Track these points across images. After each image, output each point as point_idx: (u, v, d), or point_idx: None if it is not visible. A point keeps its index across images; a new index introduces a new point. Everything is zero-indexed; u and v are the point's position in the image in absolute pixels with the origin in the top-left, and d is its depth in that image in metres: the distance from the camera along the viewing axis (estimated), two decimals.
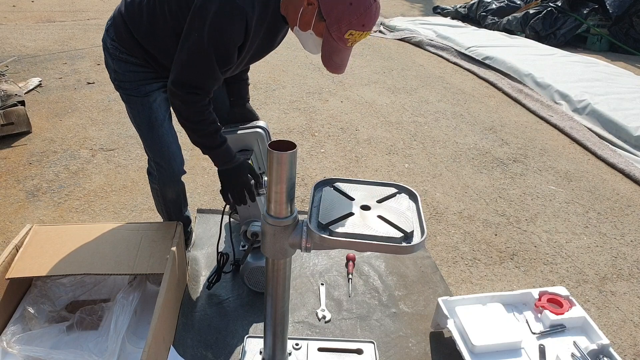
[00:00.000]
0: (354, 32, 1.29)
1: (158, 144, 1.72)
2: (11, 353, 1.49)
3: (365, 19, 1.26)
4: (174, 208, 1.97)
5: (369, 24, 1.28)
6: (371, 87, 4.29)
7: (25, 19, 6.19)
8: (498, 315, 1.68)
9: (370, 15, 1.27)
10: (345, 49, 1.35)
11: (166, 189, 1.86)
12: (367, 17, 1.26)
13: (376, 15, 1.29)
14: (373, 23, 1.30)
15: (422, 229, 1.16)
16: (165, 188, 1.85)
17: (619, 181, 3.01)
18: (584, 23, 6.02)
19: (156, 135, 1.70)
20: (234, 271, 2.02)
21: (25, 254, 1.68)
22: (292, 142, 1.13)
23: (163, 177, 1.81)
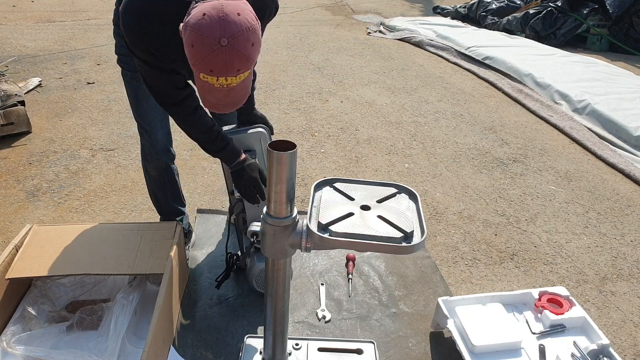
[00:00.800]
0: (206, 76, 1.14)
1: (141, 114, 1.82)
2: (11, 353, 1.49)
3: (211, 64, 1.10)
4: (158, 189, 2.02)
5: (217, 70, 1.11)
6: (371, 87, 4.29)
7: (25, 19, 6.19)
8: (498, 315, 1.68)
9: (214, 61, 1.10)
10: (217, 90, 1.17)
11: (147, 163, 1.95)
12: (211, 63, 1.10)
13: (226, 62, 1.10)
14: (224, 70, 1.11)
15: (422, 229, 1.16)
16: (146, 161, 1.95)
17: (619, 181, 3.01)
18: (584, 23, 6.02)
19: (141, 108, 1.79)
20: (235, 272, 2.01)
21: (25, 254, 1.68)
22: (292, 142, 1.13)
23: (145, 149, 1.91)
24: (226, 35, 1.07)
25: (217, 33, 1.07)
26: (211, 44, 1.08)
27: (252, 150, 1.78)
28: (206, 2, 1.13)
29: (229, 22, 1.08)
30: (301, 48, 5.39)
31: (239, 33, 1.08)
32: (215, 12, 1.08)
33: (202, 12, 1.10)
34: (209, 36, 1.08)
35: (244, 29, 1.09)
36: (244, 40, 1.09)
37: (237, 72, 1.13)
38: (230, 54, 1.09)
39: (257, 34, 1.13)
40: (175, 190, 2.06)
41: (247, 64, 1.14)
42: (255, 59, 1.16)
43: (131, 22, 1.33)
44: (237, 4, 1.12)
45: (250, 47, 1.11)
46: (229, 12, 1.08)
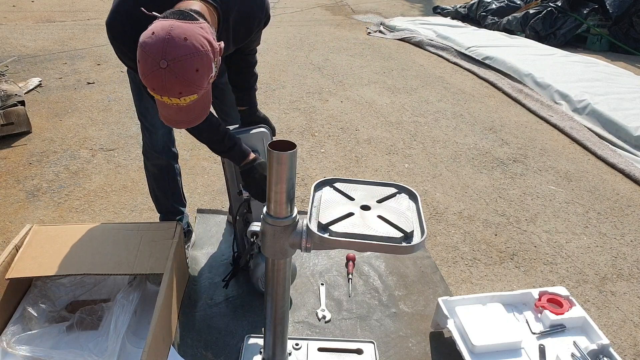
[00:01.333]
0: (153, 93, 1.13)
1: (143, 112, 1.82)
2: (11, 353, 1.49)
3: (152, 83, 1.09)
4: (158, 188, 2.02)
5: (158, 90, 1.09)
6: (371, 87, 4.28)
7: (25, 19, 6.19)
8: (498, 315, 1.68)
9: (153, 80, 1.08)
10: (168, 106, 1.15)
11: (148, 161, 1.96)
12: (152, 82, 1.09)
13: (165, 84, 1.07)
14: (165, 91, 1.09)
15: (422, 229, 1.16)
16: (147, 159, 1.96)
17: (619, 181, 3.01)
18: (584, 23, 6.02)
19: (143, 106, 1.80)
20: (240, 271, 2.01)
21: (25, 254, 1.68)
22: (292, 142, 1.13)
23: (145, 146, 1.91)
24: (166, 57, 1.05)
25: (158, 54, 1.05)
26: (151, 63, 1.06)
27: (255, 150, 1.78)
28: (161, 21, 1.11)
29: (171, 45, 1.05)
30: (301, 48, 5.39)
31: (180, 58, 1.06)
32: (162, 33, 1.07)
33: (152, 30, 1.09)
34: (150, 56, 1.06)
35: (187, 53, 1.06)
36: (184, 66, 1.06)
37: (179, 95, 1.10)
38: (169, 77, 1.07)
39: (204, 58, 1.09)
40: (176, 190, 2.06)
41: (189, 89, 1.10)
42: (202, 84, 1.12)
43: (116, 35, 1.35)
44: (189, 27, 1.09)
45: (194, 73, 1.08)
46: (175, 35, 1.06)
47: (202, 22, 1.13)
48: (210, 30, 1.14)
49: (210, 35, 1.12)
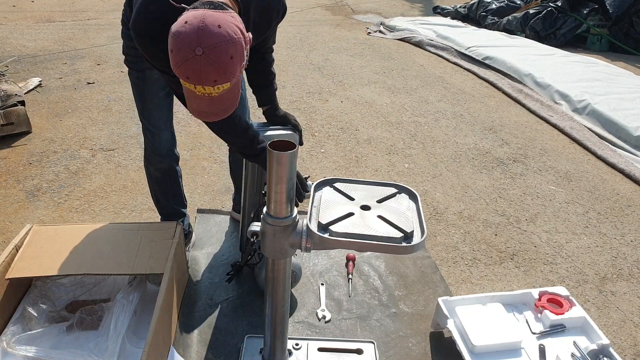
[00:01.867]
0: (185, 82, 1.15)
1: (146, 116, 1.82)
2: (11, 353, 1.49)
3: (186, 72, 1.10)
4: (159, 190, 2.02)
5: (193, 78, 1.11)
6: (371, 87, 4.28)
7: (25, 19, 6.19)
8: (498, 315, 1.68)
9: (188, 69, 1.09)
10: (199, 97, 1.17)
11: (150, 164, 1.95)
12: (186, 70, 1.10)
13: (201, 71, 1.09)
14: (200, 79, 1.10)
15: (422, 229, 1.16)
16: (148, 162, 1.95)
17: (619, 181, 3.01)
18: (584, 23, 6.02)
19: (146, 109, 1.80)
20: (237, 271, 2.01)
21: (25, 254, 1.68)
22: (292, 142, 1.13)
23: (147, 150, 1.91)
24: (202, 45, 1.07)
25: (194, 42, 1.07)
26: (186, 51, 1.08)
27: None
28: (192, 10, 1.13)
29: (206, 33, 1.07)
30: (301, 48, 5.39)
31: (215, 45, 1.08)
32: (195, 21, 1.08)
33: (185, 20, 1.10)
34: (185, 44, 1.08)
35: (222, 41, 1.08)
36: (220, 53, 1.08)
37: (213, 83, 1.12)
38: (205, 63, 1.08)
39: (237, 46, 1.11)
40: (177, 192, 2.06)
41: (224, 76, 1.12)
42: (236, 72, 1.14)
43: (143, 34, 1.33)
44: (221, 16, 1.11)
45: (229, 60, 1.10)
46: (208, 23, 1.08)
47: (232, 11, 1.16)
48: (240, 20, 1.16)
49: (241, 24, 1.14)
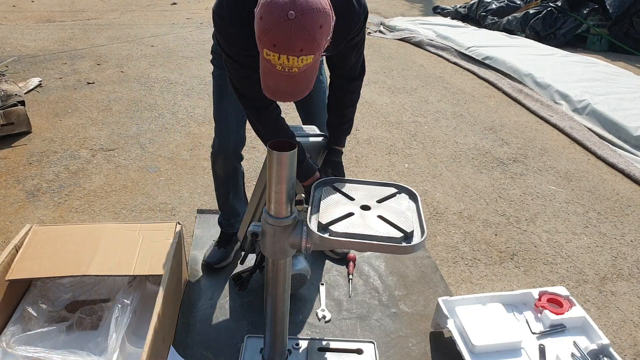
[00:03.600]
0: (269, 53, 1.13)
1: (220, 113, 1.81)
2: (11, 353, 1.49)
3: (275, 38, 1.09)
4: (221, 188, 2.01)
5: (280, 45, 1.09)
6: (371, 87, 4.28)
7: (25, 19, 6.19)
8: (498, 315, 1.68)
9: (278, 34, 1.08)
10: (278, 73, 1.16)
11: (216, 160, 1.92)
12: (275, 36, 1.09)
13: (291, 36, 1.08)
14: (287, 46, 1.09)
15: (422, 229, 1.16)
16: (215, 158, 1.92)
17: (619, 181, 3.01)
18: (584, 23, 6.02)
19: (221, 105, 1.80)
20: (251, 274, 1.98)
21: (25, 254, 1.68)
22: (292, 142, 1.14)
23: (216, 146, 1.88)
24: (295, 9, 1.06)
25: (287, 6, 1.07)
26: (279, 15, 1.07)
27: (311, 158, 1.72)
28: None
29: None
30: None
31: (308, 11, 1.07)
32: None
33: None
34: (277, 8, 1.07)
35: (314, 8, 1.08)
36: (311, 19, 1.08)
37: (299, 52, 1.10)
38: (296, 29, 1.07)
39: (327, 18, 1.11)
40: (238, 193, 2.03)
41: (311, 46, 1.10)
42: (322, 44, 1.13)
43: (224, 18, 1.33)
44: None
45: (318, 29, 1.09)
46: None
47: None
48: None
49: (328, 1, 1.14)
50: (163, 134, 3.22)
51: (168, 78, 4.21)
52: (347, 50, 1.52)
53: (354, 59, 1.58)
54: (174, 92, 3.92)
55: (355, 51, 1.55)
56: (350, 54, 1.56)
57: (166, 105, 3.65)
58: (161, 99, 3.76)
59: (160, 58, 4.75)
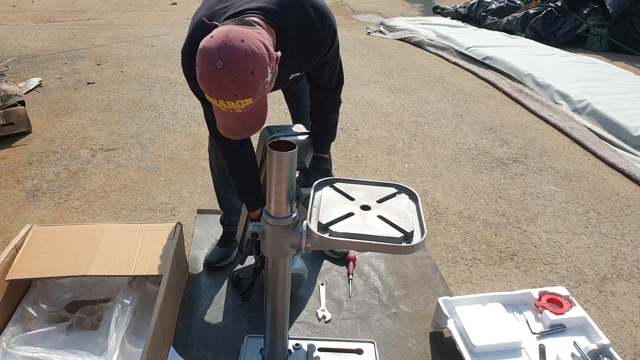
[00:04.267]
0: (210, 98, 1.13)
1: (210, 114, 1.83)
2: (11, 353, 1.49)
3: (208, 85, 1.09)
4: (218, 185, 2.03)
5: (214, 92, 1.09)
6: (371, 87, 4.28)
7: (25, 19, 6.19)
8: (498, 315, 1.68)
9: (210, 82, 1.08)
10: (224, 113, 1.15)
11: (211, 156, 1.96)
12: (208, 84, 1.09)
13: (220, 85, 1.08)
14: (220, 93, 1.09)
15: (422, 229, 1.15)
16: (210, 154, 1.96)
17: (619, 181, 3.01)
18: (584, 23, 6.02)
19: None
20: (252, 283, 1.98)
21: (25, 255, 1.68)
22: (292, 142, 1.14)
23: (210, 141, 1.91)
24: (222, 58, 1.06)
25: (216, 55, 1.07)
26: (208, 64, 1.08)
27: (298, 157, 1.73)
28: (221, 26, 1.13)
29: (228, 46, 1.07)
30: None
31: (236, 58, 1.07)
32: (220, 36, 1.09)
33: (211, 35, 1.11)
34: (207, 56, 1.08)
35: (243, 55, 1.07)
36: (240, 67, 1.07)
37: (234, 98, 1.10)
38: (225, 77, 1.07)
39: (260, 62, 1.09)
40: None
41: (244, 91, 1.09)
42: (257, 88, 1.11)
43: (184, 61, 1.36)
44: (246, 31, 1.11)
45: (249, 75, 1.08)
46: (232, 37, 1.08)
47: (259, 28, 1.15)
48: (267, 37, 1.15)
49: (267, 41, 1.13)
50: (163, 134, 3.22)
51: (168, 78, 4.21)
52: (320, 66, 1.56)
53: (328, 72, 1.60)
54: (174, 92, 3.92)
55: (329, 65, 1.57)
56: (323, 69, 1.58)
57: (166, 105, 3.65)
58: (161, 99, 3.76)
59: (160, 58, 4.75)
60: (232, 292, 1.94)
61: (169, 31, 5.81)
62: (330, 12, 1.45)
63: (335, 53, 1.54)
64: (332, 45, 1.48)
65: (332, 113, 1.71)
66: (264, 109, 1.21)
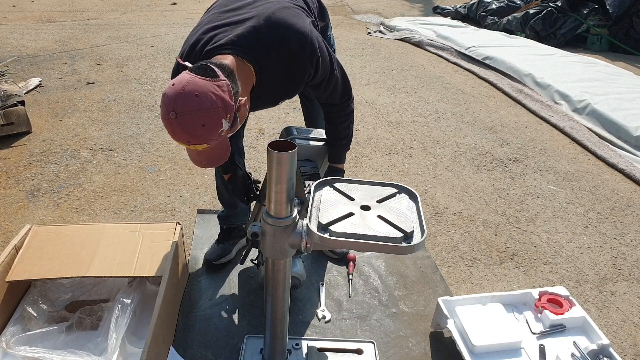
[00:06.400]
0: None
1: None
2: (11, 353, 1.49)
3: (166, 128, 1.18)
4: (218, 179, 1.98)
5: (171, 135, 1.18)
6: (371, 87, 4.28)
7: (25, 19, 6.19)
8: (498, 315, 1.68)
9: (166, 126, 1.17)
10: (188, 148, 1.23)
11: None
12: (166, 127, 1.18)
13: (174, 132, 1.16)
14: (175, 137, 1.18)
15: (422, 229, 1.15)
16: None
17: (619, 181, 3.01)
18: (584, 23, 6.02)
19: None
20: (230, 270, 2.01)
21: (25, 255, 1.68)
22: (292, 142, 1.13)
23: None
24: (176, 110, 1.13)
25: (170, 105, 1.14)
26: (164, 111, 1.15)
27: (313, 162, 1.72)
28: (185, 74, 1.18)
29: (182, 100, 1.13)
30: None
31: (188, 113, 1.13)
32: (179, 87, 1.14)
33: (173, 82, 1.17)
34: (165, 104, 1.15)
35: (195, 110, 1.13)
36: (191, 120, 1.13)
37: (187, 143, 1.18)
38: (177, 127, 1.14)
39: (211, 117, 1.15)
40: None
41: (196, 140, 1.16)
42: (210, 138, 1.17)
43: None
44: (204, 85, 1.15)
45: (200, 127, 1.14)
46: (187, 91, 1.13)
47: (221, 79, 1.18)
48: (228, 89, 1.18)
49: (225, 94, 1.17)
50: (163, 134, 3.22)
51: (168, 78, 4.19)
52: (313, 89, 1.55)
53: (326, 93, 1.58)
54: None
55: (323, 87, 1.55)
56: (317, 91, 1.57)
57: None
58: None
59: (160, 58, 4.75)
60: (232, 292, 1.94)
61: (169, 31, 5.81)
62: (315, 40, 1.40)
63: (325, 77, 1.50)
64: (317, 73, 1.45)
65: (342, 123, 1.67)
66: (224, 148, 1.28)
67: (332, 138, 1.70)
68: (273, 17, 1.36)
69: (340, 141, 1.70)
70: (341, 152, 1.74)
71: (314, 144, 1.71)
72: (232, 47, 1.33)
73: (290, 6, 1.43)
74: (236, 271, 2.05)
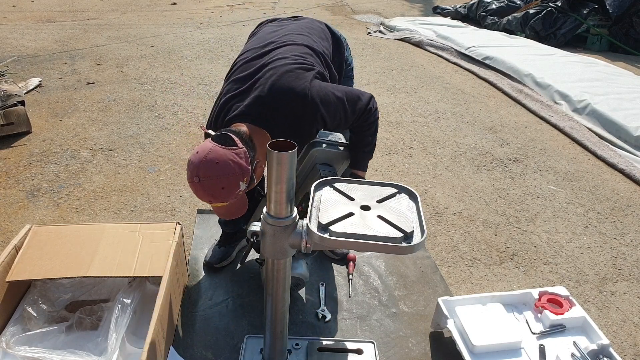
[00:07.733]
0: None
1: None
2: (11, 353, 1.49)
3: (190, 188, 1.34)
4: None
5: (197, 196, 1.34)
6: (371, 87, 4.28)
7: (25, 19, 6.19)
8: (498, 315, 1.68)
9: (191, 187, 1.33)
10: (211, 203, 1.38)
11: None
12: (190, 187, 1.33)
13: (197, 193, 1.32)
14: (198, 196, 1.34)
15: (422, 229, 1.15)
16: None
17: (619, 181, 3.01)
18: (584, 23, 6.02)
19: None
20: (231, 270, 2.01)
21: (25, 255, 1.68)
22: (292, 142, 1.14)
23: None
24: (199, 175, 1.29)
25: (194, 171, 1.30)
26: (189, 175, 1.32)
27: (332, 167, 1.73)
28: (207, 142, 1.34)
29: (204, 166, 1.29)
30: None
31: (209, 178, 1.29)
32: (202, 154, 1.30)
33: (197, 150, 1.32)
34: (190, 169, 1.32)
35: (215, 175, 1.29)
36: (212, 185, 1.30)
37: (209, 202, 1.35)
38: (200, 189, 1.31)
39: (230, 181, 1.30)
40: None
41: (217, 200, 1.33)
42: (229, 197, 1.33)
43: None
44: (224, 153, 1.30)
45: (220, 190, 1.30)
46: (210, 159, 1.29)
47: (239, 147, 1.34)
48: (245, 155, 1.35)
49: (242, 160, 1.33)
50: (163, 134, 3.22)
51: (168, 78, 4.21)
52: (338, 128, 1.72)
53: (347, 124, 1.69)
54: (174, 92, 3.92)
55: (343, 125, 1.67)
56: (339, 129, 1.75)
57: (166, 106, 3.65)
58: (161, 99, 3.76)
59: (160, 58, 4.75)
60: (232, 292, 1.94)
61: (169, 31, 5.81)
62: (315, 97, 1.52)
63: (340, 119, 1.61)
64: (325, 122, 1.58)
65: (365, 131, 1.73)
66: (242, 203, 1.44)
67: (357, 144, 1.77)
68: (275, 86, 1.51)
69: (364, 148, 1.77)
70: (363, 159, 1.80)
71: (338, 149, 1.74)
72: (243, 117, 1.51)
73: (292, 69, 1.55)
74: (236, 271, 2.05)
